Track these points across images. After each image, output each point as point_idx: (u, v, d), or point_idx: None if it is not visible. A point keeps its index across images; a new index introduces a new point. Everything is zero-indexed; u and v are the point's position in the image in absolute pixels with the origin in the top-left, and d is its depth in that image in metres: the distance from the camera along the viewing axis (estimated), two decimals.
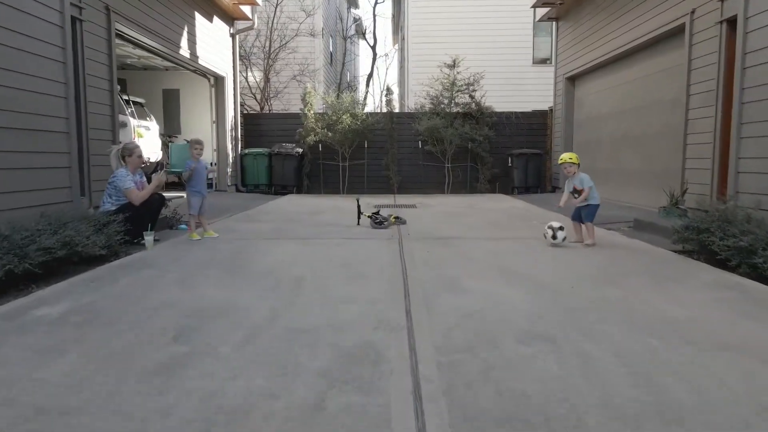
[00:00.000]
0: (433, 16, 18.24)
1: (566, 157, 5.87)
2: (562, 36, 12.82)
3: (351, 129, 13.15)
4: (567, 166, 5.85)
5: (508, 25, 18.10)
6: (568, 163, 5.82)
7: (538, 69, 18.35)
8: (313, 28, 17.20)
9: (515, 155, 13.02)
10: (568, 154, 5.89)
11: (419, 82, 17.04)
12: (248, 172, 13.46)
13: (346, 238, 6.28)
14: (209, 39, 11.49)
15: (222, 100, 12.55)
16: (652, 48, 8.87)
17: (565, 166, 5.86)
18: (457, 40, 18.02)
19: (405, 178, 13.91)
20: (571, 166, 5.82)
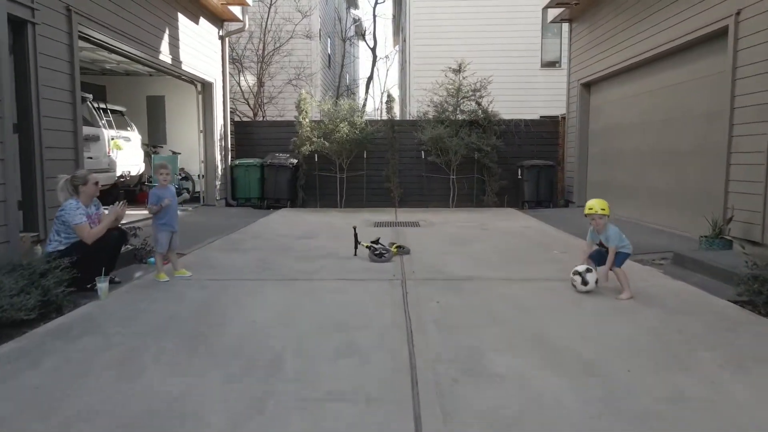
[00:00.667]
0: (435, 16, 17.33)
1: (595, 206, 4.76)
2: (576, 39, 11.91)
3: (349, 139, 12.24)
4: (596, 217, 4.77)
5: (515, 27, 17.20)
6: (598, 214, 4.75)
7: (546, 73, 17.45)
8: (310, 29, 16.28)
9: (526, 167, 12.09)
10: (598, 203, 4.79)
11: (421, 87, 16.14)
12: (239, 184, 12.55)
13: (340, 279, 5.36)
14: (195, 42, 10.58)
15: (210, 108, 11.64)
16: (684, 53, 7.94)
17: (594, 218, 4.78)
18: (461, 42, 17.12)
19: (407, 190, 12.99)
20: (601, 218, 4.77)
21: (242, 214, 10.91)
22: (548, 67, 17.46)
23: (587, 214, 4.84)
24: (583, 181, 11.75)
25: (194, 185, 12.06)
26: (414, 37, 17.59)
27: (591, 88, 11.50)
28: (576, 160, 11.86)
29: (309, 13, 15.81)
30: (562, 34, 17.17)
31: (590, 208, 4.81)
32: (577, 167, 11.83)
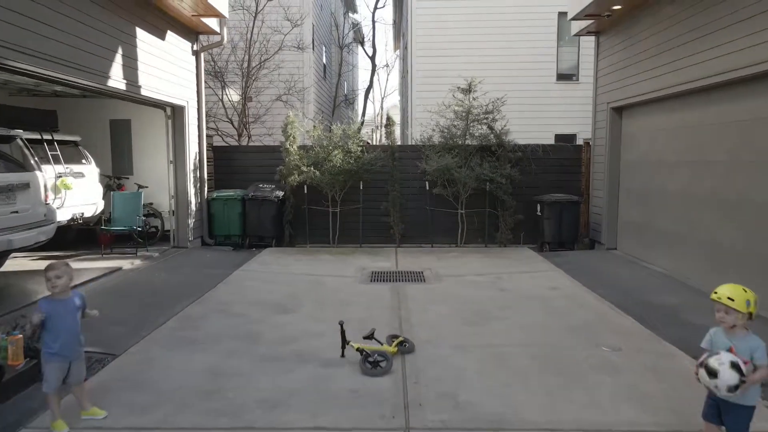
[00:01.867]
0: (440, 25, 15.73)
1: (726, 293, 3.11)
2: (606, 55, 10.29)
3: (343, 169, 10.64)
4: (728, 311, 3.09)
5: (528, 36, 15.60)
6: (733, 308, 3.07)
7: (562, 87, 15.85)
8: (301, 40, 14.68)
9: (547, 203, 10.46)
10: (731, 290, 3.11)
11: (426, 108, 14.55)
12: (217, 220, 10.96)
13: (316, 429, 3.75)
14: (160, 61, 9.00)
15: (182, 135, 10.05)
16: (760, 82, 6.33)
17: (721, 312, 3.12)
18: (468, 53, 15.55)
19: (409, 225, 11.40)
20: (729, 314, 3.09)
21: (216, 262, 9.31)
22: (564, 80, 15.86)
23: (714, 299, 3.14)
24: (613, 219, 10.14)
25: (163, 223, 10.46)
26: (416, 53, 15.96)
27: (623, 113, 9.89)
28: (605, 195, 10.25)
29: (300, 23, 14.21)
30: (580, 44, 15.57)
31: (718, 297, 3.13)
32: (606, 202, 10.21)
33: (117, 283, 7.54)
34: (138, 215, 9.35)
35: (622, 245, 9.96)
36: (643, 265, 8.85)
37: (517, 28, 15.54)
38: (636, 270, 8.63)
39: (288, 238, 11.21)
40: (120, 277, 7.87)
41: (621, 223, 9.99)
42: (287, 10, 13.95)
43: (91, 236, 10.06)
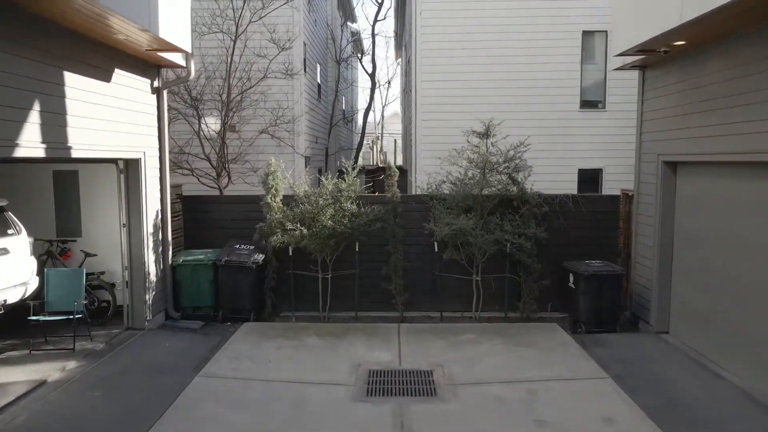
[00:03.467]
0: (447, 44, 13.89)
1: None
2: (658, 94, 8.44)
3: (335, 232, 8.82)
4: None
5: (548, 57, 13.78)
6: None
7: (586, 115, 14.02)
8: (291, 64, 12.83)
9: (583, 276, 8.58)
10: None
11: (432, 146, 12.88)
12: (185, 288, 9.16)
13: None
14: (104, 108, 7.18)
15: (137, 192, 8.23)
16: None
17: None
18: (479, 76, 13.75)
19: (415, 292, 9.59)
20: None
21: (175, 358, 7.44)
22: (589, 108, 14.03)
23: None
24: (664, 296, 8.27)
25: (115, 298, 8.62)
26: (421, 80, 14.09)
27: (680, 169, 8.03)
28: (654, 266, 8.39)
29: (289, 46, 12.36)
30: (606, 67, 13.75)
31: None
32: (656, 276, 8.35)
33: (25, 421, 5.65)
34: (78, 299, 7.52)
35: (675, 329, 8.11)
36: (713, 370, 6.99)
37: (535, 49, 13.72)
38: (709, 382, 6.75)
39: (270, 307, 9.39)
40: (35, 404, 6.00)
41: (675, 302, 8.14)
42: (273, 31, 12.11)
43: (21, 324, 8.16)
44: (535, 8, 13.59)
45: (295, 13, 12.76)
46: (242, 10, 11.22)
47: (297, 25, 12.98)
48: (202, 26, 11.42)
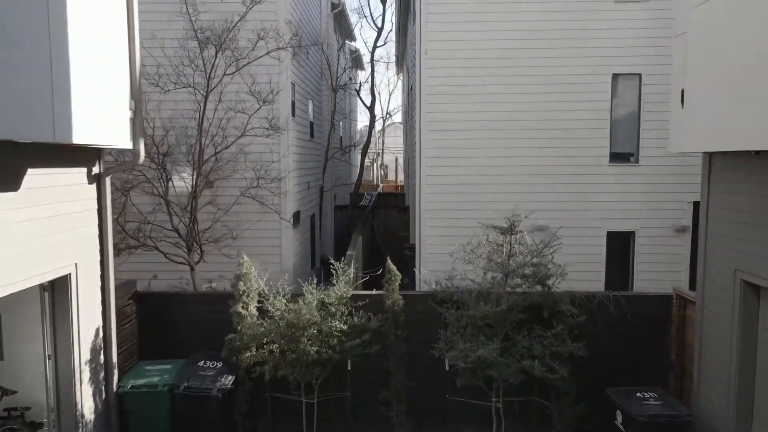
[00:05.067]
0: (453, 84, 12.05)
1: None
2: (734, 191, 6.55)
3: (320, 360, 7.02)
4: None
5: (574, 103, 11.95)
6: None
7: (617, 170, 12.18)
8: (276, 118, 10.98)
9: (638, 421, 6.65)
10: None
11: (438, 220, 11.15)
12: (135, 421, 7.35)
13: None
14: (15, 224, 5.38)
15: (65, 314, 6.41)
16: None
17: None
18: (491, 125, 11.98)
19: (421, 418, 7.80)
20: None
21: None
22: (620, 161, 12.18)
23: None
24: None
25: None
26: (426, 138, 12.23)
27: (763, 293, 6.19)
28: (729, 406, 6.54)
29: (272, 99, 10.51)
30: (640, 114, 11.94)
31: None
32: (732, 418, 6.51)
33: None
34: None
35: None
36: None
37: (559, 94, 11.88)
38: None
39: None
40: None
41: None
42: (253, 83, 10.24)
43: None
44: (556, 47, 11.78)
45: (281, 62, 10.92)
46: (215, 59, 9.40)
47: (283, 73, 11.14)
48: (168, 80, 9.62)
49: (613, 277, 12.12)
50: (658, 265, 12.00)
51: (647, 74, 11.80)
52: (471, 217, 9.84)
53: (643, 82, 11.83)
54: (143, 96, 8.86)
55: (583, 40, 11.78)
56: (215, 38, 9.08)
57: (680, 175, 11.80)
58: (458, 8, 11.86)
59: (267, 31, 9.72)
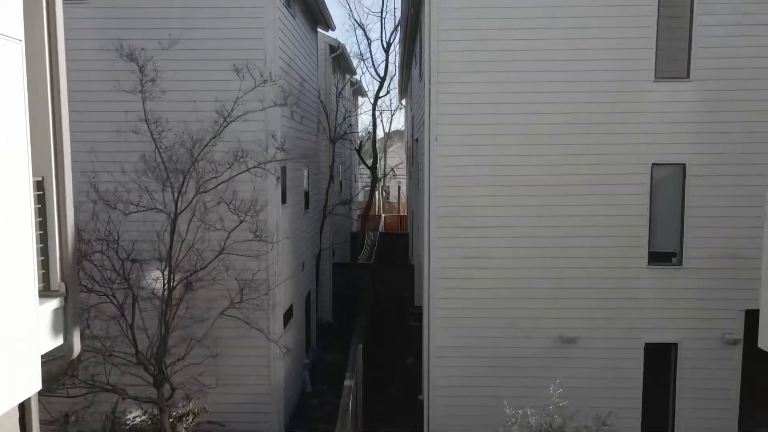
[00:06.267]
0: (466, 159, 10.47)
1: None
2: None
3: None
4: None
5: (605, 196, 10.36)
6: None
7: (656, 273, 10.57)
8: (260, 226, 9.35)
9: None
10: None
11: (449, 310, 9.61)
12: None
13: None
14: None
15: None
16: None
17: None
18: (510, 211, 10.40)
19: None
20: None
21: None
22: (659, 262, 10.56)
23: None
24: None
25: None
26: (435, 226, 10.64)
27: None
28: None
29: (255, 214, 8.83)
30: (684, 210, 10.33)
31: None
32: None
33: None
34: None
35: None
36: None
37: (591, 186, 10.30)
38: None
39: None
40: None
41: None
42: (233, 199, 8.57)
43: None
44: (587, 132, 10.19)
45: (266, 178, 9.33)
46: (184, 180, 7.78)
47: (269, 188, 9.52)
48: (129, 203, 8.03)
49: (651, 399, 10.54)
50: (706, 382, 10.41)
51: (693, 164, 10.20)
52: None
53: (688, 172, 10.23)
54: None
55: (617, 125, 10.19)
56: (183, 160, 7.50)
57: (731, 279, 10.24)
58: (473, 88, 10.26)
59: (245, 152, 8.14)
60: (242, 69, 8.29)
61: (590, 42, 10.07)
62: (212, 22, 9.64)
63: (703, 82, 10.03)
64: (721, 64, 9.98)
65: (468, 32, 10.12)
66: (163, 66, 8.42)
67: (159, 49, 8.62)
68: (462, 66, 10.20)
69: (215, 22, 9.65)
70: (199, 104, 8.83)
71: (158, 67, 8.14)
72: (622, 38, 10.03)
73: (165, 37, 8.88)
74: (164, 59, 8.64)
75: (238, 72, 8.18)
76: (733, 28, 9.90)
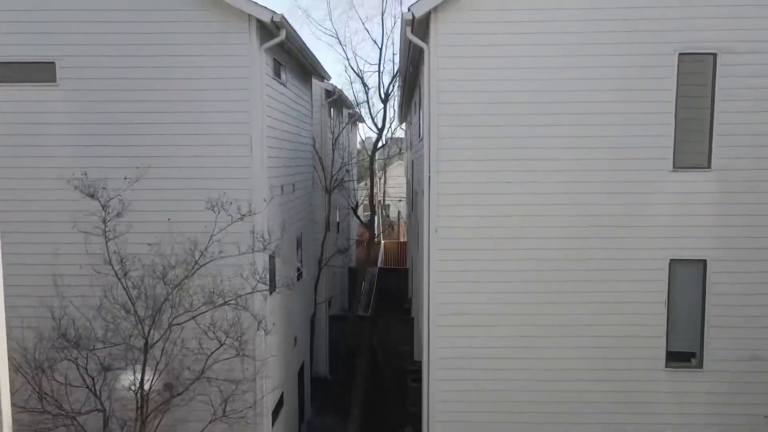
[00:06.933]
0: (470, 253, 9.70)
1: None
2: None
3: None
4: None
5: (620, 295, 9.58)
6: None
7: (674, 376, 9.79)
8: (246, 338, 8.52)
9: None
10: None
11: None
12: None
13: None
14: None
15: None
16: None
17: None
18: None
19: None
20: None
21: None
22: (677, 363, 9.77)
23: None
24: None
25: None
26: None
27: None
28: None
29: (241, 348, 7.97)
30: (705, 306, 9.56)
31: None
32: None
33: None
34: None
35: None
36: None
37: (604, 283, 9.52)
38: None
39: None
40: None
41: None
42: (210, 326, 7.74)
43: None
44: (601, 224, 9.43)
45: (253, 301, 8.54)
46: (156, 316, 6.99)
47: (258, 312, 8.70)
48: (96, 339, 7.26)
49: None
50: None
51: (714, 259, 9.42)
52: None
53: (709, 269, 9.45)
54: None
55: (631, 217, 9.41)
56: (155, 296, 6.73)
57: (757, 383, 9.47)
58: (477, 177, 9.49)
59: (223, 292, 7.36)
60: (218, 203, 7.47)
61: (602, 129, 9.30)
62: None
63: (726, 171, 9.26)
64: (744, 153, 9.21)
65: (468, 129, 9.38)
66: (130, 195, 7.65)
67: (126, 183, 7.87)
68: (465, 154, 9.43)
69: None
70: (174, 234, 7.99)
71: (125, 198, 7.38)
72: (636, 125, 9.26)
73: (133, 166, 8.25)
74: (133, 189, 7.90)
75: (214, 207, 7.38)
76: (757, 114, 9.13)
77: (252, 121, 9.14)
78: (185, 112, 9.15)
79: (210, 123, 9.16)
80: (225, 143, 9.08)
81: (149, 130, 9.08)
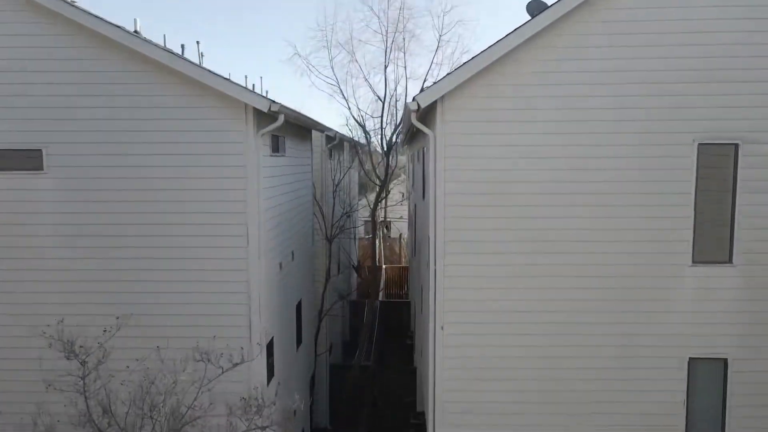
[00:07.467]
0: (475, 350, 9.22)
1: None
2: None
3: None
4: None
5: (636, 394, 9.09)
6: None
7: None
8: None
9: None
10: None
11: None
12: None
13: None
14: None
15: None
16: None
17: None
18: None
19: None
20: None
21: None
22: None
23: None
24: None
25: None
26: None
27: None
28: None
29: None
30: (726, 405, 9.05)
31: None
32: None
33: None
34: None
35: None
36: None
37: (617, 381, 9.03)
38: None
39: None
40: None
41: None
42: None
43: None
44: (617, 321, 8.95)
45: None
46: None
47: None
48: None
49: None
50: None
51: (736, 358, 8.94)
52: None
53: (731, 368, 8.96)
54: None
55: (648, 314, 8.93)
56: None
57: None
58: (484, 271, 9.01)
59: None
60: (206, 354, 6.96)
61: (618, 222, 8.82)
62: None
63: (748, 267, 8.77)
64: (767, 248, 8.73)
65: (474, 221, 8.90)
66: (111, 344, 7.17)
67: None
68: (473, 247, 8.96)
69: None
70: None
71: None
72: (654, 217, 8.78)
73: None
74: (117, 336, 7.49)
75: (202, 358, 6.86)
76: None
77: (249, 220, 8.68)
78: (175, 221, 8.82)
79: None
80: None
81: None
